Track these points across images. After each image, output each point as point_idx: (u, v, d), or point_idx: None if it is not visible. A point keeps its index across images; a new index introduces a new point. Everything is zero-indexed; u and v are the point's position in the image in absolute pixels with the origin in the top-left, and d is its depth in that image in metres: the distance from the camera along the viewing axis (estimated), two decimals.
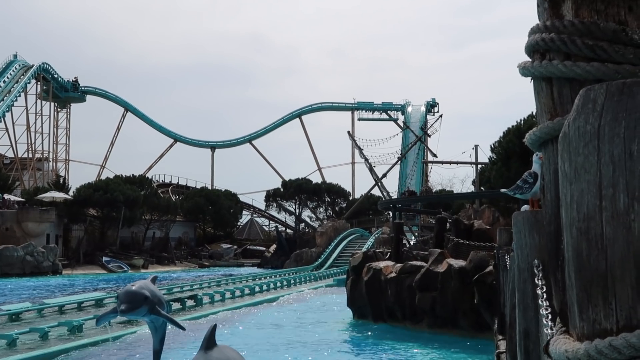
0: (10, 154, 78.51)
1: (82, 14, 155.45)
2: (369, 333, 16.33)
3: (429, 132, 70.54)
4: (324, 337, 15.81)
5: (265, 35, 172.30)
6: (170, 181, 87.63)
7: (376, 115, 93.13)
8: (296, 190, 79.58)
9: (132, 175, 72.03)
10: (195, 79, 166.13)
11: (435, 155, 62.39)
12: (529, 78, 1.92)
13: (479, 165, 37.19)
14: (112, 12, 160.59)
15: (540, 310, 2.25)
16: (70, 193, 65.02)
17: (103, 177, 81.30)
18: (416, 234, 36.28)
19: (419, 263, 16.83)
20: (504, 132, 32.26)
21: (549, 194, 2.41)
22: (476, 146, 37.94)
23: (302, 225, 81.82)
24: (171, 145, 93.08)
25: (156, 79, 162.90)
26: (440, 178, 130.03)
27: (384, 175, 68.72)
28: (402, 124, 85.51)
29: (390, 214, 36.96)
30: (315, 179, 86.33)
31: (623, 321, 1.37)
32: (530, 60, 1.90)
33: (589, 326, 1.43)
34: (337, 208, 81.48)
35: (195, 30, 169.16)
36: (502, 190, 8.28)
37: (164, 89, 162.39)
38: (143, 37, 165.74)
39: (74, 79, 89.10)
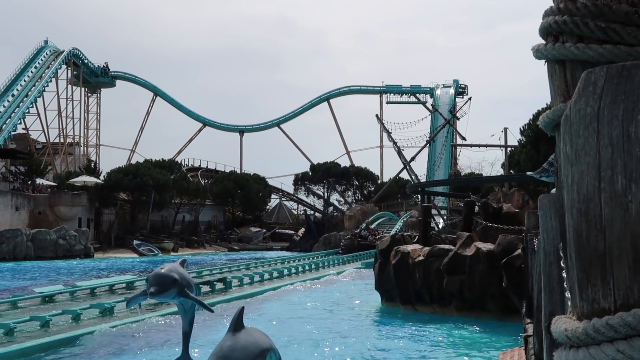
0: (42, 139, 79.47)
1: None
2: (397, 316, 16.37)
3: (457, 114, 70.12)
4: (352, 320, 15.88)
5: (293, 19, 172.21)
6: (200, 165, 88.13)
7: (404, 98, 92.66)
8: (324, 174, 79.67)
9: (162, 159, 72.59)
10: (224, 63, 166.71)
11: (464, 138, 61.97)
12: (543, 61, 1.94)
13: (509, 148, 36.92)
14: None
15: (566, 294, 2.27)
16: (101, 177, 65.75)
17: (133, 161, 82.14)
18: (444, 217, 36.18)
19: (447, 246, 16.81)
20: (533, 115, 31.95)
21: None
22: (505, 129, 37.65)
23: (331, 208, 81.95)
24: (200, 130, 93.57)
25: (185, 63, 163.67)
26: (469, 161, 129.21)
27: (413, 159, 68.52)
28: (430, 107, 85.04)
29: (419, 197, 36.89)
30: (344, 162, 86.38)
31: (620, 300, 1.41)
32: (544, 42, 1.92)
33: (588, 305, 1.47)
34: (365, 191, 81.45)
35: (223, 14, 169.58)
36: (529, 173, 8.30)
37: (192, 73, 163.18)
38: (171, 22, 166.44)
39: (104, 64, 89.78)
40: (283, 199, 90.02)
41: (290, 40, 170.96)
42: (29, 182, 60.79)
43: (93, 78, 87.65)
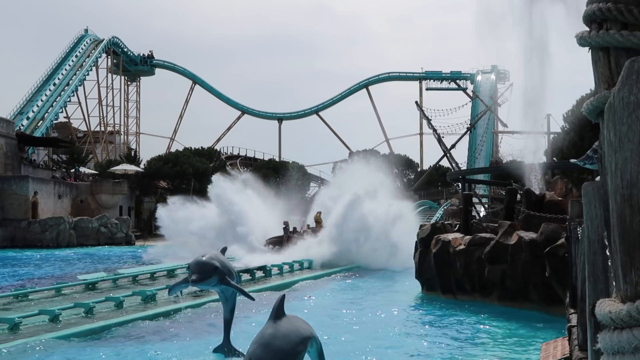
0: (83, 128, 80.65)
1: None
2: (438, 305, 16.28)
3: (499, 101, 69.31)
4: (392, 309, 15.84)
5: (330, 5, 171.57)
6: (239, 153, 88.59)
7: (444, 84, 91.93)
8: (363, 162, 79.48)
9: (201, 147, 73.15)
10: (262, 50, 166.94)
11: (505, 125, 61.33)
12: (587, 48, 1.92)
13: (551, 135, 36.41)
14: None
15: (610, 277, 2.26)
16: (141, 166, 66.57)
17: (172, 149, 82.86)
18: (486, 205, 35.86)
19: (488, 235, 16.65)
20: (577, 101, 31.42)
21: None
22: (548, 115, 37.13)
23: None
24: (239, 117, 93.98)
25: (223, 51, 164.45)
26: (511, 148, 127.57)
27: (453, 146, 67.94)
28: (471, 93, 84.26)
29: (460, 185, 36.56)
30: (383, 150, 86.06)
31: None
32: (588, 30, 1.90)
33: (632, 288, 1.52)
34: (405, 179, 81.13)
35: (260, 1, 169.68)
36: (572, 160, 8.17)
37: (230, 60, 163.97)
38: (209, 9, 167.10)
39: (149, 52, 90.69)
40: (322, 187, 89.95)
41: (327, 27, 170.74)
42: (72, 171, 61.80)
43: (132, 66, 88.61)
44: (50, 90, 69.84)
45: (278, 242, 32.09)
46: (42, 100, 67.94)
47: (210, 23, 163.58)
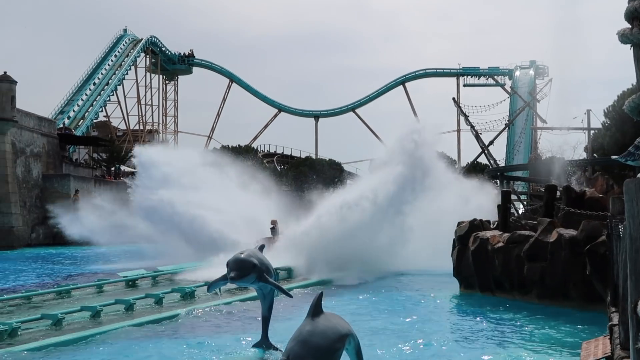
0: (122, 126, 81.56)
1: None
2: (476, 303, 16.15)
3: (537, 97, 68.51)
4: (431, 307, 15.76)
5: (366, 1, 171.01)
6: (275, 151, 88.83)
7: (482, 80, 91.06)
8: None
9: (238, 145, 73.58)
10: (298, 48, 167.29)
11: (544, 121, 60.59)
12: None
13: (592, 131, 35.89)
14: None
15: None
16: None
17: (210, 147, 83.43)
18: (524, 202, 35.48)
19: (527, 232, 16.47)
20: (618, 96, 30.92)
21: None
22: (588, 111, 36.64)
23: None
24: (275, 115, 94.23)
25: (259, 49, 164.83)
26: (550, 145, 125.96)
27: (491, 143, 67.15)
28: (509, 89, 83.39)
29: (498, 182, 36.22)
30: None
31: None
32: (630, 27, 1.86)
33: None
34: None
35: None
36: (613, 157, 8.03)
37: (267, 59, 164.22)
38: (245, 8, 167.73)
39: (189, 52, 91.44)
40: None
41: (363, 23, 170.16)
42: (112, 169, 62.55)
43: (170, 65, 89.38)
44: (90, 89, 70.79)
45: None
46: (82, 100, 68.88)
47: (247, 21, 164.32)
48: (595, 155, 31.66)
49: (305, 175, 75.64)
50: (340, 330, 6.02)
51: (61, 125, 62.32)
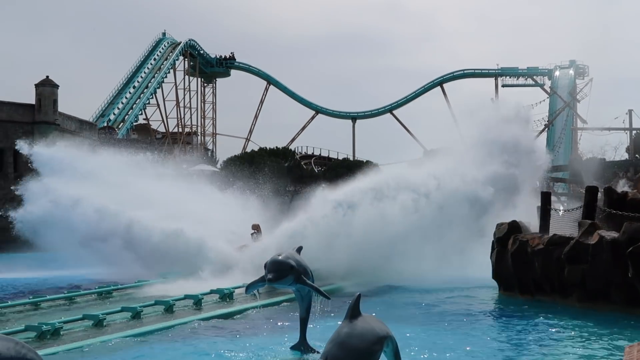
0: (162, 129, 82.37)
1: None
2: (516, 307, 15.97)
3: (578, 97, 67.59)
4: (470, 310, 15.64)
5: (403, 2, 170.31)
6: (313, 152, 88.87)
7: (521, 81, 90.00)
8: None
9: (276, 147, 73.68)
10: (335, 50, 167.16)
11: (585, 122, 59.75)
12: None
13: (634, 131, 35.33)
14: None
15: None
16: (218, 165, 67.56)
17: (248, 149, 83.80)
18: (565, 204, 35.04)
19: (568, 234, 16.27)
20: None
21: None
22: (630, 111, 36.08)
23: None
24: (313, 117, 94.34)
25: (297, 51, 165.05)
26: (591, 145, 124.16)
27: None
28: (548, 90, 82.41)
29: (538, 183, 35.82)
30: (458, 148, 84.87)
31: None
32: None
33: None
34: None
35: (333, 1, 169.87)
36: None
37: (304, 60, 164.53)
38: (282, 10, 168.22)
39: (230, 54, 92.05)
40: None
41: (400, 24, 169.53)
42: None
43: (209, 68, 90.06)
44: (130, 92, 71.68)
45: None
46: (122, 103, 69.80)
47: (284, 23, 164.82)
48: (637, 155, 31.14)
49: (343, 176, 75.57)
50: (379, 332, 6.01)
51: (105, 125, 63.33)
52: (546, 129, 69.86)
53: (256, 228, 23.18)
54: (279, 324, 13.39)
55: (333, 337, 5.61)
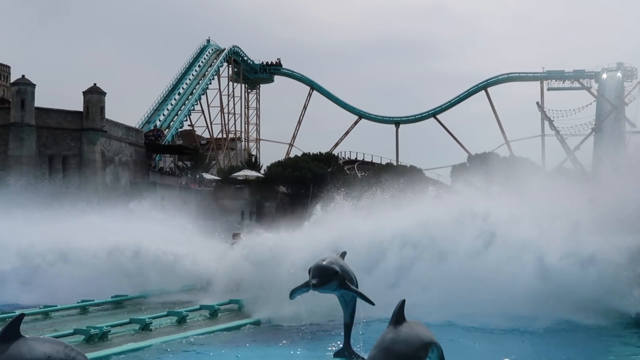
0: (206, 135, 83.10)
1: None
2: None
3: (625, 100, 66.41)
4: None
5: (446, 6, 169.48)
6: (356, 158, 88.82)
7: (567, 84, 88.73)
8: (483, 165, 77.97)
9: (319, 152, 73.80)
10: (378, 55, 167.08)
11: (633, 125, 58.65)
12: None
13: None
14: None
15: None
16: (262, 171, 67.93)
17: (291, 155, 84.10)
18: None
19: None
20: None
21: None
22: None
23: None
24: (356, 122, 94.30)
25: (340, 56, 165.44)
26: None
27: (577, 148, 65.70)
28: (595, 93, 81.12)
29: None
30: (503, 152, 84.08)
31: None
32: None
33: None
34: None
35: (376, 5, 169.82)
36: None
37: (347, 65, 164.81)
38: (325, 15, 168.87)
39: (276, 60, 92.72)
40: (440, 191, 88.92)
41: (444, 28, 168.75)
42: (195, 177, 63.88)
43: (252, 74, 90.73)
44: (175, 99, 72.54)
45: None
46: (167, 110, 70.65)
47: (327, 29, 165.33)
48: None
49: (386, 182, 75.29)
50: (423, 338, 5.97)
51: (153, 128, 64.24)
52: (593, 132, 68.70)
53: (237, 237, 21.44)
54: (323, 329, 13.35)
55: (378, 342, 5.60)
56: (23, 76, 45.74)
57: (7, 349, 4.42)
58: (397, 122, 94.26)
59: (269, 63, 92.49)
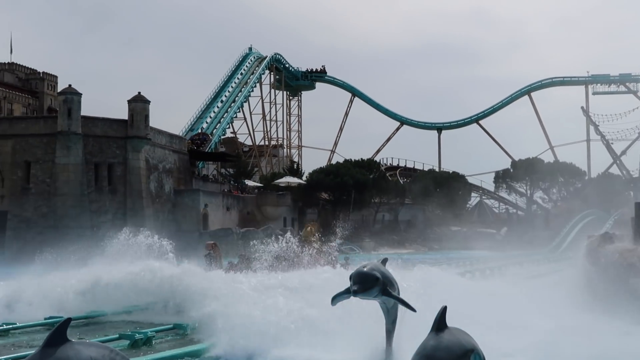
0: (248, 142, 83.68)
1: (308, 4, 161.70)
2: None
3: None
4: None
5: (489, 10, 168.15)
6: (398, 164, 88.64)
7: (613, 88, 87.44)
8: (527, 171, 77.10)
9: (361, 159, 73.80)
10: (419, 60, 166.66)
11: None
12: None
13: None
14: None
15: None
16: (304, 178, 68.15)
17: (333, 161, 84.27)
18: None
19: None
20: None
21: None
22: None
23: (534, 207, 79.16)
24: (398, 128, 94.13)
25: (381, 62, 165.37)
26: None
27: (623, 153, 64.55)
28: None
29: (632, 193, 34.67)
30: (547, 158, 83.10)
31: None
32: None
33: None
34: (571, 188, 77.81)
35: (417, 11, 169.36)
36: None
37: (388, 72, 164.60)
38: (365, 22, 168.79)
39: (321, 68, 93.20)
40: (484, 197, 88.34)
41: (487, 33, 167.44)
42: (237, 184, 64.35)
43: (294, 82, 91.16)
44: (218, 107, 73.19)
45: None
46: (210, 117, 71.31)
47: (368, 35, 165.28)
48: None
49: (428, 188, 74.90)
50: (465, 345, 5.93)
51: (199, 131, 64.98)
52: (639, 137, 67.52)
53: (212, 248, 19.25)
54: (363, 336, 13.27)
55: (419, 349, 5.58)
56: (70, 85, 46.63)
57: (54, 352, 4.52)
58: (439, 127, 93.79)
59: (314, 70, 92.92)
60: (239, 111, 77.32)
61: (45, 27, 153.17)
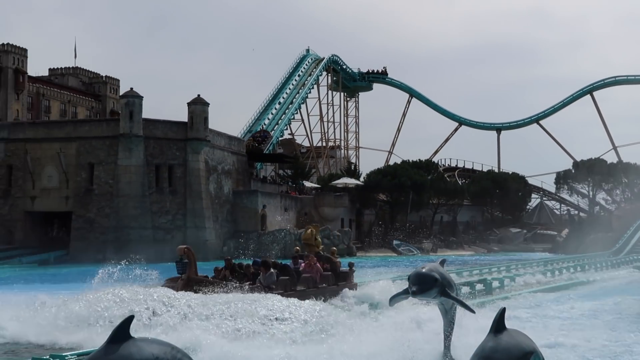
0: (306, 143, 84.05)
1: (365, 5, 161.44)
2: None
3: None
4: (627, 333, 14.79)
5: (549, 9, 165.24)
6: (456, 165, 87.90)
7: None
8: (589, 172, 75.46)
9: (419, 160, 73.39)
10: (478, 60, 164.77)
11: None
12: None
13: None
14: (393, 0, 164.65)
15: None
16: (361, 179, 68.06)
17: (391, 162, 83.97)
18: None
19: None
20: None
21: None
22: None
23: (597, 208, 77.45)
24: (456, 129, 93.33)
25: (438, 62, 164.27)
26: None
27: None
28: None
29: None
30: (610, 158, 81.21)
31: None
32: None
33: None
34: (635, 189, 75.84)
35: (475, 11, 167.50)
36: None
37: (446, 72, 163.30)
38: (423, 22, 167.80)
39: (382, 69, 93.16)
40: (544, 198, 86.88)
41: (546, 32, 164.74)
42: (295, 185, 64.65)
43: (351, 83, 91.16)
44: (275, 108, 73.72)
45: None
46: (268, 119, 71.88)
47: (425, 36, 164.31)
48: None
49: (488, 189, 73.99)
50: (524, 347, 5.86)
51: (260, 128, 65.65)
52: None
53: (185, 252, 16.57)
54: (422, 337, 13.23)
55: (477, 351, 5.54)
56: (131, 89, 47.55)
57: (118, 349, 4.63)
58: (498, 128, 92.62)
59: (374, 71, 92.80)
60: (297, 113, 77.73)
61: (107, 32, 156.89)
